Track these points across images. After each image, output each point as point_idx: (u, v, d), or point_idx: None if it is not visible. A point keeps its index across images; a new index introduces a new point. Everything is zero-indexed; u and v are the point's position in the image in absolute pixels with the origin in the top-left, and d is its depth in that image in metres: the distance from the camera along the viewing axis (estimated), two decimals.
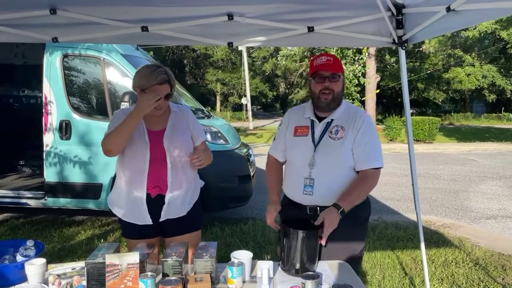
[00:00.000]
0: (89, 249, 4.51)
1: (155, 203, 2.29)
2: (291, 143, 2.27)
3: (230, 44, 2.71)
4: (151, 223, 2.30)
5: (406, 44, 2.67)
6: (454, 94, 40.17)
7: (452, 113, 41.37)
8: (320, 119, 2.21)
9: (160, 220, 2.31)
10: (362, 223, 2.27)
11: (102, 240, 4.80)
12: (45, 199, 5.04)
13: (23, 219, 5.52)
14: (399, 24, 2.63)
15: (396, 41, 2.67)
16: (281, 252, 1.91)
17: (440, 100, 40.21)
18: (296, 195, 2.21)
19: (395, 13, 2.57)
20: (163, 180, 2.27)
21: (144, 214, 2.29)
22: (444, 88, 37.09)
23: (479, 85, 34.21)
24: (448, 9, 2.09)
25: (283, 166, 2.42)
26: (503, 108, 42.08)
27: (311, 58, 2.22)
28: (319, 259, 1.96)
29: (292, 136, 2.26)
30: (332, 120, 2.17)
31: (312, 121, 2.22)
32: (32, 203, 5.11)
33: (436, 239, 4.91)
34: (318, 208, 2.12)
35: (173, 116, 2.35)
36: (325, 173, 2.12)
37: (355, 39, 2.72)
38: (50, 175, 4.98)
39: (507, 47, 29.26)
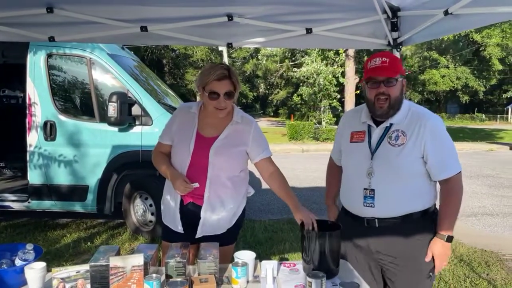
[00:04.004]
0: (76, 252, 4.43)
1: (187, 209, 2.21)
2: (347, 150, 2.13)
3: (229, 45, 2.71)
4: (182, 232, 2.22)
5: (401, 46, 2.73)
6: (429, 95, 41.22)
7: None
8: (378, 123, 2.01)
9: (196, 236, 2.20)
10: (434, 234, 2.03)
11: (88, 243, 4.72)
12: (29, 202, 4.91)
13: (5, 222, 5.36)
14: (394, 27, 2.68)
15: (391, 43, 2.73)
16: (302, 252, 1.93)
17: (416, 101, 41.09)
18: (356, 207, 2.05)
19: (390, 15, 2.62)
20: (199, 193, 2.15)
21: (177, 221, 2.22)
22: (419, 90, 38.01)
23: (453, 87, 35.25)
24: (446, 13, 2.15)
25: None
26: (475, 109, 43.47)
27: (366, 58, 2.04)
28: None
29: (349, 142, 2.10)
30: (391, 124, 1.97)
31: (369, 126, 2.03)
32: (15, 206, 4.97)
33: None
34: (376, 220, 1.99)
35: (232, 126, 2.18)
36: (386, 183, 1.94)
37: (352, 41, 2.76)
38: (34, 177, 4.85)
39: (480, 49, 30.24)
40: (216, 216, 2.19)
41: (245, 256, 1.92)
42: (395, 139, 1.94)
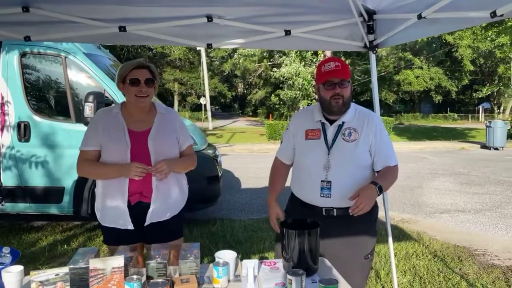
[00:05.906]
0: (52, 256, 4.34)
1: (135, 209, 2.22)
2: (303, 146, 2.26)
3: (209, 46, 2.72)
4: (133, 228, 2.23)
5: (376, 49, 2.80)
6: (404, 95, 42.08)
7: (402, 113, 43.28)
8: (331, 122, 2.21)
9: (145, 224, 2.23)
10: (374, 221, 2.30)
11: (65, 246, 4.63)
12: (2, 205, 4.77)
13: None
14: (370, 30, 2.75)
15: (368, 45, 2.79)
16: (282, 250, 1.96)
17: (391, 101, 41.95)
18: (313, 198, 2.21)
19: (366, 18, 2.69)
20: (147, 184, 2.19)
21: (126, 218, 2.21)
22: (395, 90, 38.77)
23: (426, 87, 36.10)
24: (420, 17, 2.22)
25: (291, 169, 2.43)
26: (448, 109, 44.65)
27: (318, 63, 2.23)
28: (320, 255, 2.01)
29: (304, 140, 2.25)
30: (343, 122, 2.19)
31: (323, 124, 2.22)
32: None
33: (396, 234, 5.13)
34: (334, 209, 2.17)
35: (159, 117, 2.28)
36: (342, 175, 2.14)
37: (330, 43, 2.82)
38: (7, 179, 4.72)
39: (452, 51, 31.11)
40: (164, 202, 2.26)
41: (226, 255, 1.93)
42: (348, 135, 2.17)
